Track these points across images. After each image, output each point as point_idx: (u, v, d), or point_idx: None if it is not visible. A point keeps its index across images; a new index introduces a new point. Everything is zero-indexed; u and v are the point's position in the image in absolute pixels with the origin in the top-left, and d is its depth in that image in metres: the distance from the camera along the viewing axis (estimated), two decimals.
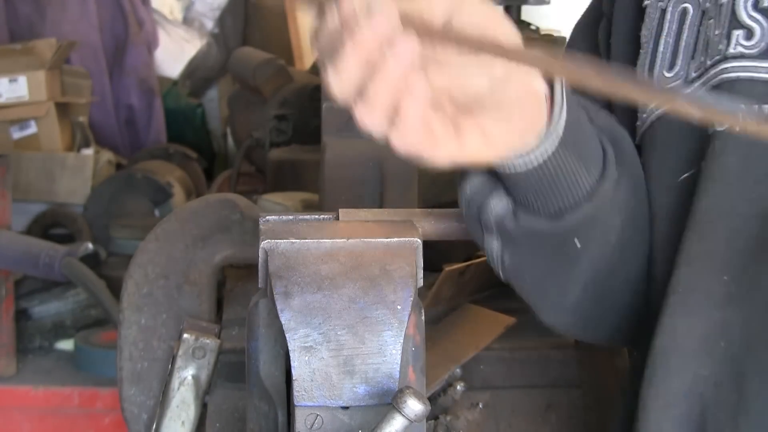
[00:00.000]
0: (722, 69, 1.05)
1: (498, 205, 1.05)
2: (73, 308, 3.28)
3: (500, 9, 1.06)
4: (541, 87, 0.97)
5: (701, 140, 1.06)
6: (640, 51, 1.12)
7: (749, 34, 1.04)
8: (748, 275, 1.02)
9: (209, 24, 6.01)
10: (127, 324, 1.77)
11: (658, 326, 1.06)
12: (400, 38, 0.85)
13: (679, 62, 1.09)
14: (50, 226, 3.75)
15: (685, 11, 1.09)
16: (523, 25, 4.75)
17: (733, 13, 1.05)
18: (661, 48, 1.10)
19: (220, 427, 1.66)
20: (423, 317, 1.08)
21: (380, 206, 2.59)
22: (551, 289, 1.11)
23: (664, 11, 1.11)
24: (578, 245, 1.05)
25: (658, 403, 1.05)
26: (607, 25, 1.19)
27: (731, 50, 1.04)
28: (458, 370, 2.05)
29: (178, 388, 1.68)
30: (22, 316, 3.19)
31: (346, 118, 2.79)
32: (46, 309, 3.27)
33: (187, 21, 6.00)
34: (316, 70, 3.81)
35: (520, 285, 1.13)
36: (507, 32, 0.91)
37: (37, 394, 3.00)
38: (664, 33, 1.10)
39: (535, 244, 1.06)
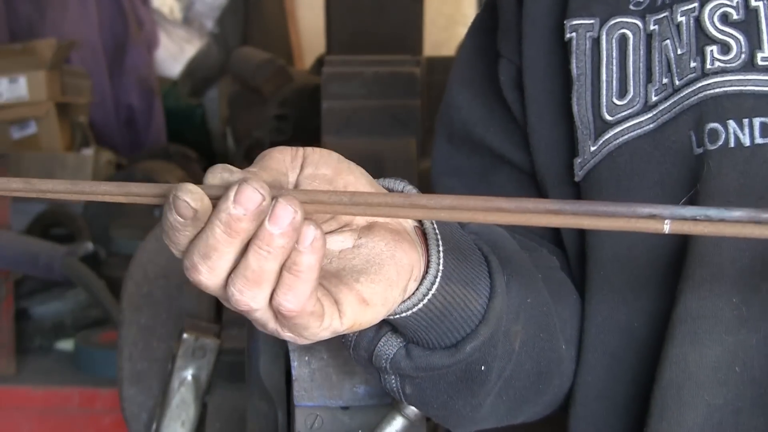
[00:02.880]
0: (703, 86, 1.01)
1: (388, 348, 0.98)
2: (73, 308, 3.28)
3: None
4: (408, 221, 0.92)
5: (687, 162, 1.03)
6: (575, 84, 1.07)
7: (725, 48, 1.01)
8: (761, 294, 0.99)
9: (209, 24, 6.01)
10: (127, 324, 1.77)
11: (665, 358, 1.03)
12: (281, 210, 0.78)
13: (630, 88, 1.05)
14: (50, 226, 3.75)
15: (623, 37, 1.06)
16: None
17: (700, 29, 1.02)
18: (604, 77, 1.06)
19: (220, 427, 1.66)
20: None
21: None
22: (461, 409, 1.05)
23: (596, 40, 1.07)
24: (483, 369, 1.00)
25: None
26: (513, 67, 1.15)
27: (709, 66, 1.01)
28: None
29: (178, 388, 1.68)
30: (22, 316, 3.19)
31: (346, 118, 2.79)
32: (46, 309, 3.27)
33: (187, 21, 6.01)
34: (316, 70, 3.81)
35: (426, 410, 1.07)
36: (360, 176, 0.88)
37: (37, 394, 3.00)
38: (604, 62, 1.06)
39: (436, 377, 1.01)
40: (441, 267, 0.93)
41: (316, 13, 4.85)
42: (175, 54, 5.70)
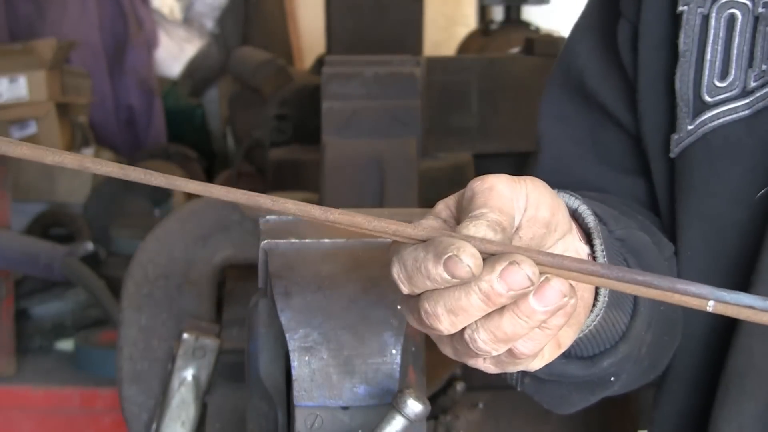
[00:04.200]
0: None
1: None
2: (73, 308, 3.28)
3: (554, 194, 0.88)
4: (584, 250, 0.92)
5: None
6: (680, 60, 1.05)
7: None
8: None
9: (209, 24, 6.01)
10: (127, 324, 1.77)
11: (732, 346, 1.03)
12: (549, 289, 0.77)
13: (732, 71, 1.03)
14: (50, 226, 3.75)
15: (732, 17, 1.03)
16: (523, 25, 4.76)
17: None
18: (708, 56, 1.04)
19: (220, 427, 1.66)
20: None
21: (380, 206, 2.59)
22: (575, 400, 1.07)
23: (706, 17, 1.04)
24: (612, 379, 1.02)
25: (731, 426, 1.03)
26: (630, 29, 1.12)
27: None
28: (458, 370, 2.04)
29: (178, 388, 1.68)
30: (22, 316, 3.19)
31: (346, 118, 2.79)
32: (46, 309, 3.27)
33: (187, 21, 6.00)
34: (316, 70, 3.81)
35: (537, 397, 1.08)
36: (565, 213, 0.86)
37: (37, 394, 3.00)
38: (710, 40, 1.04)
39: (563, 381, 1.02)
40: (606, 299, 0.94)
41: (316, 13, 4.85)
42: (175, 54, 5.70)
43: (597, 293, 0.93)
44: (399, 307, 1.00)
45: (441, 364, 1.92)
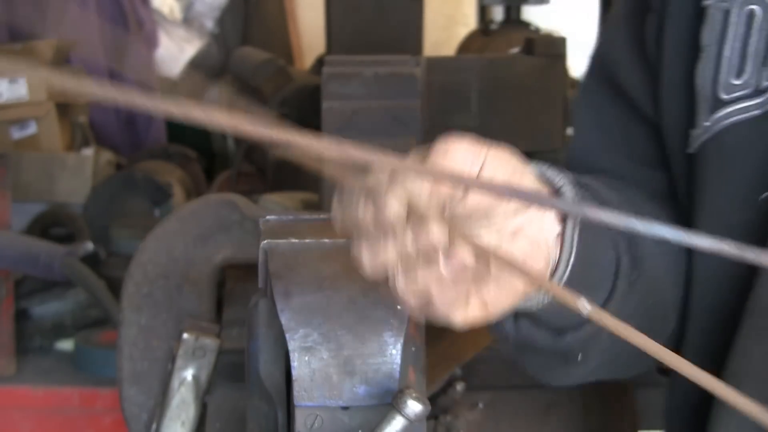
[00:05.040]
0: None
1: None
2: (73, 308, 3.28)
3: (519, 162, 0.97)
4: (552, 230, 0.93)
5: None
6: (701, 55, 1.04)
7: None
8: None
9: (209, 24, 6.01)
10: (127, 324, 1.77)
11: (732, 348, 1.03)
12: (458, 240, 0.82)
13: (747, 69, 1.02)
14: (50, 226, 3.74)
15: (752, 13, 1.01)
16: (522, 25, 4.76)
17: None
18: (726, 53, 1.02)
19: (220, 427, 1.66)
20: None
21: None
22: (557, 374, 1.09)
23: (727, 12, 1.03)
24: (579, 358, 1.03)
25: (729, 429, 1.03)
26: (658, 21, 1.10)
27: None
28: (458, 370, 2.05)
29: (178, 388, 1.68)
30: (22, 316, 3.19)
31: (346, 118, 2.79)
32: (46, 309, 3.27)
33: (187, 21, 6.01)
34: (316, 70, 3.81)
35: (526, 365, 1.11)
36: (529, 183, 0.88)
37: (37, 394, 2.99)
38: (729, 36, 1.02)
39: (534, 349, 1.04)
40: (566, 276, 0.94)
41: (316, 13, 4.85)
42: (175, 54, 5.70)
43: (557, 268, 0.94)
44: (399, 307, 1.01)
45: (441, 364, 1.92)
